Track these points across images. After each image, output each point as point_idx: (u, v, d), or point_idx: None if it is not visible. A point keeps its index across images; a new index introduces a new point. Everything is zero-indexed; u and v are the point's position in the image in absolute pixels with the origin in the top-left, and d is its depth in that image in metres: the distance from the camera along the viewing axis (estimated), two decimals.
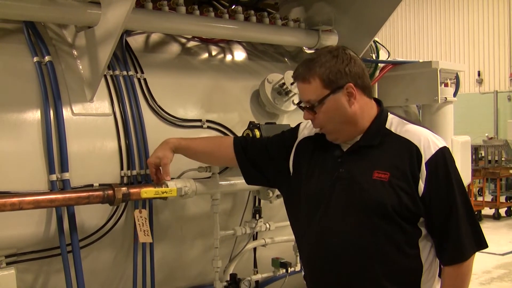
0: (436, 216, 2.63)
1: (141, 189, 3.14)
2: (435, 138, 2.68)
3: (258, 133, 3.66)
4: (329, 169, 2.78)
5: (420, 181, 2.60)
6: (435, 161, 2.61)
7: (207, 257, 3.72)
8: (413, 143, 2.65)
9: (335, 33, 4.40)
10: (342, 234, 2.68)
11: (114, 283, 3.47)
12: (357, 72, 2.69)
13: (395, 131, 2.72)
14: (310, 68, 2.70)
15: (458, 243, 2.64)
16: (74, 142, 3.19)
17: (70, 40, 3.42)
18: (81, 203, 2.98)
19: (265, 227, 3.91)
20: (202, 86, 3.90)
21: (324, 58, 2.69)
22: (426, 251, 2.70)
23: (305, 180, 2.88)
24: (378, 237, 2.62)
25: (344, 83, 2.65)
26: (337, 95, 2.66)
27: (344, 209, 2.69)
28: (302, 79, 2.74)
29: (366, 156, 2.71)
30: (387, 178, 2.61)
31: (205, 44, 4.16)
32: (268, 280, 4.18)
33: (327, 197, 2.74)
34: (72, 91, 3.27)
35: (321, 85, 2.67)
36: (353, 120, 2.70)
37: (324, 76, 2.66)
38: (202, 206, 3.66)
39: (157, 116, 3.57)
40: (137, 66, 3.61)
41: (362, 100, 2.72)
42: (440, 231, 2.66)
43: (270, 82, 4.01)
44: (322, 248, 2.76)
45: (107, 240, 3.31)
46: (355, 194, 2.67)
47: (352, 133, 2.75)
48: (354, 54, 2.76)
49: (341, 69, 2.66)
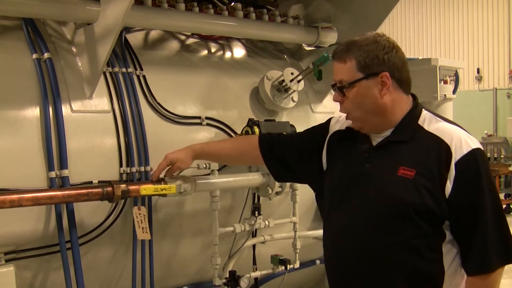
0: (462, 221, 2.47)
1: (140, 186, 3.14)
2: (468, 138, 2.51)
3: (257, 130, 3.67)
4: (355, 164, 2.68)
5: (448, 182, 2.44)
6: (465, 162, 2.44)
7: (206, 254, 3.72)
8: (444, 141, 2.49)
9: (334, 30, 4.41)
10: (359, 232, 2.59)
11: (113, 280, 3.47)
12: (396, 63, 2.57)
13: (427, 128, 2.58)
14: (348, 48, 2.59)
15: (484, 253, 2.45)
16: (73, 139, 3.19)
17: (69, 37, 3.42)
18: (80, 200, 2.98)
19: (264, 224, 3.90)
20: (201, 83, 3.89)
21: (365, 41, 2.58)
22: (450, 256, 2.54)
23: (332, 174, 2.81)
24: (396, 236, 2.50)
25: (380, 70, 2.54)
26: (369, 82, 2.55)
27: (365, 206, 2.58)
28: (338, 58, 2.64)
29: (394, 152, 2.58)
30: (412, 176, 2.48)
31: (204, 41, 4.15)
32: (267, 277, 4.18)
33: (350, 193, 2.65)
34: (71, 88, 3.27)
35: (356, 68, 2.57)
36: (381, 111, 2.59)
37: (361, 58, 2.55)
38: (201, 203, 3.66)
39: (156, 113, 3.57)
40: (137, 63, 3.61)
41: (396, 94, 2.60)
42: (466, 238, 2.49)
43: (269, 79, 4.01)
44: (340, 245, 2.69)
45: (106, 237, 3.31)
46: (376, 191, 2.56)
47: (379, 125, 2.63)
48: (398, 46, 2.64)
49: (379, 56, 2.55)
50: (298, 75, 3.96)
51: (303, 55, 4.69)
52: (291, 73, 3.97)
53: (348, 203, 2.65)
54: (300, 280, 4.71)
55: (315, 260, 4.58)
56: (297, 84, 3.98)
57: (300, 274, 4.45)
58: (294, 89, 3.98)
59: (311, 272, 4.68)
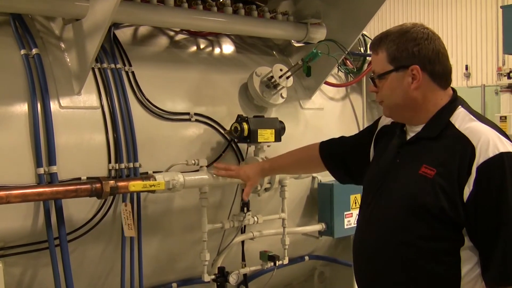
0: (482, 229, 2.32)
1: (129, 182, 3.13)
2: (498, 141, 2.34)
3: (246, 126, 3.66)
4: (389, 158, 2.66)
5: (467, 186, 2.30)
6: (489, 166, 2.28)
7: (195, 250, 3.73)
8: (470, 141, 2.35)
9: (323, 27, 4.40)
10: (378, 229, 2.57)
11: (102, 277, 3.47)
12: (428, 55, 2.47)
13: (459, 126, 2.44)
14: (381, 40, 2.56)
15: (503, 265, 2.30)
16: (62, 135, 3.18)
17: (57, 32, 3.40)
18: (68, 197, 2.98)
19: (253, 220, 3.91)
20: (190, 79, 3.89)
21: (397, 33, 2.53)
22: (468, 263, 2.39)
23: (370, 168, 2.81)
24: (407, 235, 2.44)
25: (410, 63, 2.47)
26: (400, 74, 2.50)
27: (385, 201, 2.56)
28: (372, 49, 2.62)
29: (421, 148, 2.51)
30: (432, 175, 2.38)
31: (193, 37, 4.14)
32: (256, 273, 4.19)
33: (379, 188, 2.62)
34: (60, 84, 3.26)
35: (387, 60, 2.53)
36: (412, 105, 2.53)
37: (391, 51, 2.51)
38: (190, 199, 3.66)
39: (145, 109, 3.56)
40: (125, 59, 3.60)
41: (429, 88, 2.51)
42: (485, 247, 2.34)
43: (258, 75, 4.00)
44: (361, 240, 2.69)
45: (95, 234, 3.31)
46: (397, 187, 2.53)
47: (411, 119, 2.58)
48: (436, 36, 2.54)
49: (409, 48, 2.48)
50: (287, 71, 3.96)
51: (292, 51, 4.69)
52: (280, 69, 3.96)
53: (374, 197, 2.64)
54: (289, 276, 4.72)
55: (304, 256, 4.60)
56: (286, 80, 3.97)
57: (289, 270, 4.46)
58: (283, 85, 3.98)
59: (300, 268, 4.69)
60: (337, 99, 4.76)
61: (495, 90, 16.77)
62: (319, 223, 4.38)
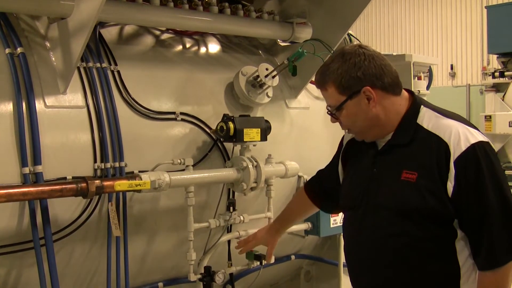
0: (468, 218, 2.46)
1: (115, 182, 3.13)
2: (468, 133, 2.48)
3: (232, 125, 3.67)
4: (365, 169, 2.74)
5: (449, 182, 2.43)
6: (464, 159, 2.42)
7: (181, 250, 3.72)
8: (443, 139, 2.48)
9: (309, 26, 4.41)
10: (371, 238, 2.65)
11: (88, 277, 3.46)
12: (373, 73, 2.55)
13: (427, 127, 2.56)
14: (324, 76, 2.64)
15: (491, 249, 2.45)
16: (47, 134, 3.17)
17: (42, 31, 3.39)
18: (54, 196, 2.97)
19: (239, 219, 3.91)
20: (176, 78, 3.88)
21: (336, 64, 2.59)
22: (464, 253, 2.54)
23: (345, 179, 2.92)
24: (405, 240, 2.53)
25: (360, 87, 2.55)
26: (355, 100, 2.57)
27: (374, 212, 2.64)
28: (319, 86, 2.70)
29: (396, 156, 2.61)
30: (414, 179, 2.49)
31: (179, 36, 4.14)
32: (242, 272, 4.19)
33: (360, 198, 2.70)
34: (45, 83, 3.24)
35: (337, 92, 2.60)
36: (376, 122, 2.61)
37: (337, 83, 2.58)
38: (176, 199, 3.65)
39: (131, 109, 3.56)
40: (111, 58, 3.59)
41: (385, 100, 2.59)
42: (473, 234, 2.49)
43: (244, 75, 4.00)
44: (355, 250, 2.77)
45: (80, 233, 3.30)
46: (382, 196, 2.61)
47: (380, 133, 2.66)
48: (372, 52, 2.61)
49: (353, 75, 2.54)
50: (273, 70, 3.96)
51: (278, 51, 4.69)
52: (266, 69, 3.97)
53: (359, 205, 2.71)
54: (276, 275, 4.72)
55: (290, 255, 4.61)
56: (272, 79, 3.98)
57: (275, 270, 4.47)
58: (269, 85, 3.98)
59: (287, 267, 4.70)
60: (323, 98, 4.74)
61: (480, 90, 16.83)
62: (305, 222, 4.40)
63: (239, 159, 3.79)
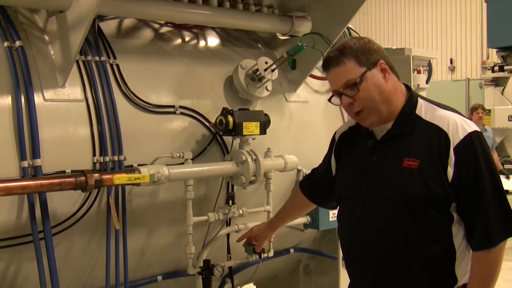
0: (466, 201, 2.62)
1: (114, 175, 3.13)
2: (464, 123, 2.66)
3: (231, 119, 3.66)
4: (362, 159, 2.84)
5: (449, 167, 2.60)
6: (463, 147, 2.60)
7: (180, 243, 3.72)
8: (442, 128, 2.65)
9: (308, 20, 4.40)
10: (373, 225, 2.74)
11: (87, 270, 3.46)
12: (384, 52, 2.78)
13: (425, 117, 2.73)
14: (342, 51, 2.74)
15: (486, 228, 2.61)
16: (46, 128, 3.17)
17: (41, 25, 3.38)
18: (53, 190, 2.97)
19: (238, 213, 3.91)
20: (175, 72, 3.88)
21: (351, 42, 2.75)
22: (459, 236, 2.70)
23: (341, 170, 3.01)
24: (407, 226, 2.66)
25: (377, 59, 2.72)
26: (373, 72, 2.70)
27: (375, 199, 2.74)
28: (335, 63, 2.75)
29: (397, 144, 2.74)
30: (416, 166, 2.64)
31: (178, 29, 4.13)
32: (241, 266, 4.19)
33: (360, 188, 2.80)
34: (44, 77, 3.24)
35: (357, 64, 2.70)
36: (389, 98, 2.74)
37: (358, 54, 2.70)
38: (175, 192, 3.65)
39: (130, 102, 3.55)
40: (110, 51, 3.58)
41: (394, 80, 2.78)
42: (470, 216, 2.64)
43: (243, 68, 4.00)
44: (356, 238, 2.84)
45: (80, 227, 3.30)
46: (384, 184, 2.72)
47: (387, 115, 2.75)
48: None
49: (370, 48, 2.73)
50: (272, 64, 3.96)
51: (277, 44, 4.69)
52: (265, 62, 3.96)
53: (358, 195, 2.81)
54: (275, 268, 4.73)
55: (289, 248, 4.61)
56: (271, 73, 3.98)
57: (274, 263, 4.47)
58: (268, 78, 3.98)
59: (285, 261, 4.70)
60: (322, 92, 4.76)
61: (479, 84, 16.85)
62: (304, 216, 4.39)
63: (238, 152, 3.79)
